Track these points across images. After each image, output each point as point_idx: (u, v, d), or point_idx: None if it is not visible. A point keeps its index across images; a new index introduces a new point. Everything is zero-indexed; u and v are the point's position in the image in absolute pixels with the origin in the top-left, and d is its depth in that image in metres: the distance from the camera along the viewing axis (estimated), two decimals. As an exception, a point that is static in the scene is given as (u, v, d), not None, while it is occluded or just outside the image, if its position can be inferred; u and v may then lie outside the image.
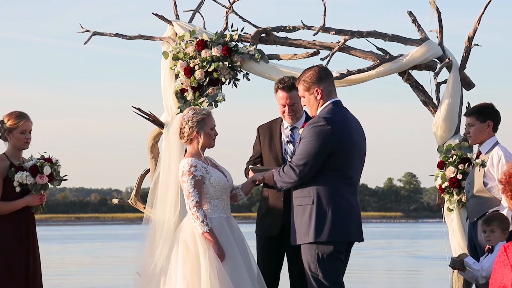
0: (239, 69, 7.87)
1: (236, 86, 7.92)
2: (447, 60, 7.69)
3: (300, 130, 6.86)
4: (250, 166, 6.98)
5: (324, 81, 6.40)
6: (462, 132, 7.62)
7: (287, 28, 7.94)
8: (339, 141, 6.24)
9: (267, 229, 7.15)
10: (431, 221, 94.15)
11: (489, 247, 6.93)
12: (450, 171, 7.58)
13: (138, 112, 7.70)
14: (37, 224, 7.37)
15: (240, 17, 7.95)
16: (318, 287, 6.26)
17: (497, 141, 7.22)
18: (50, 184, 7.22)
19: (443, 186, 7.63)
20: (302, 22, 7.87)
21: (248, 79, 7.91)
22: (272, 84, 7.26)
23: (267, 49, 7.92)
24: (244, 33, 7.95)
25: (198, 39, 7.85)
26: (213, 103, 7.73)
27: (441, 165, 7.66)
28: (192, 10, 8.13)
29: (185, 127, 6.59)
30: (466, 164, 7.55)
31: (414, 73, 7.88)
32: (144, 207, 7.51)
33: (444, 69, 7.72)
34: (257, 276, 6.55)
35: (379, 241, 41.74)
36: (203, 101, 7.69)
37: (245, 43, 7.92)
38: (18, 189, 7.09)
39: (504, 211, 6.93)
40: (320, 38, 7.89)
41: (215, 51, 7.79)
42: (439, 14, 7.78)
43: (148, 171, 8.12)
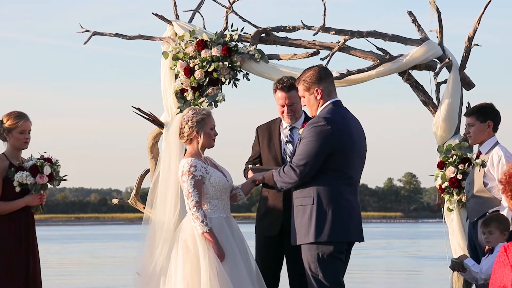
0: (239, 69, 7.86)
1: (236, 86, 7.92)
2: (447, 60, 7.69)
3: (300, 130, 6.85)
4: (250, 166, 6.98)
5: (324, 81, 6.40)
6: (462, 132, 7.62)
7: (287, 28, 7.93)
8: (339, 141, 6.24)
9: (267, 229, 7.15)
10: (431, 221, 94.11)
11: (489, 248, 6.92)
12: (450, 171, 7.58)
13: (138, 112, 7.70)
14: (37, 224, 7.37)
15: (240, 17, 7.95)
16: (319, 287, 6.26)
17: (497, 141, 7.21)
18: (50, 184, 7.21)
19: (443, 186, 7.63)
20: (302, 22, 7.87)
21: (248, 79, 7.91)
22: (272, 84, 7.26)
23: (267, 49, 7.93)
24: (244, 33, 7.95)
25: (198, 39, 7.85)
26: (213, 103, 7.73)
27: (441, 165, 7.66)
28: (192, 10, 8.13)
29: (185, 127, 6.58)
30: (466, 164, 7.55)
31: (414, 73, 7.88)
32: (144, 207, 7.51)
33: (444, 69, 7.72)
34: (257, 276, 6.54)
35: (379, 241, 41.72)
36: (203, 101, 7.68)
37: (245, 43, 7.92)
38: (18, 189, 7.08)
39: (504, 211, 6.92)
40: (320, 38, 7.90)
41: (215, 51, 7.79)
42: (439, 14, 7.77)
43: (148, 171, 8.12)
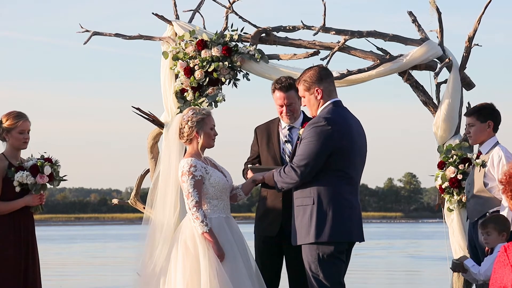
0: (239, 69, 7.86)
1: (236, 86, 7.91)
2: (447, 60, 7.69)
3: (301, 131, 6.84)
4: (249, 166, 6.97)
5: (325, 81, 6.39)
6: (462, 132, 7.61)
7: (287, 28, 7.93)
8: (340, 141, 6.23)
9: (266, 229, 7.13)
10: (431, 221, 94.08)
11: (489, 249, 6.91)
12: (450, 171, 7.58)
13: (138, 112, 7.70)
14: (37, 224, 7.36)
15: (240, 17, 7.94)
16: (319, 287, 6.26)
17: (498, 141, 7.21)
18: (50, 185, 7.21)
19: (443, 186, 7.63)
20: (302, 22, 7.87)
21: (248, 79, 7.91)
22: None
23: (267, 49, 7.93)
24: (244, 33, 7.95)
25: (198, 39, 7.84)
26: (213, 103, 7.72)
27: (441, 165, 7.66)
28: (192, 10, 8.13)
29: (185, 127, 6.58)
30: (466, 164, 7.54)
31: (414, 73, 7.88)
32: (144, 207, 7.51)
33: (444, 69, 7.71)
34: (257, 276, 6.54)
35: (379, 242, 41.71)
36: (203, 101, 7.68)
37: (245, 43, 7.91)
38: (18, 189, 7.08)
39: (505, 211, 6.92)
40: (320, 38, 7.90)
41: (215, 51, 7.79)
42: (439, 14, 7.77)
43: (148, 171, 8.12)
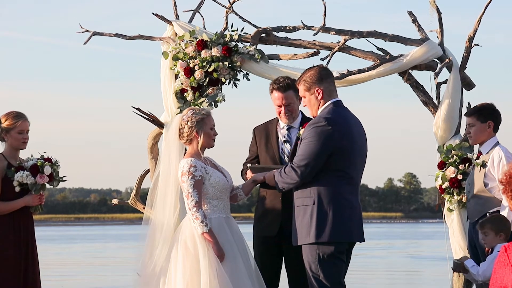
0: (239, 69, 7.86)
1: (236, 86, 7.91)
2: (448, 60, 7.68)
3: (301, 131, 6.84)
4: (249, 165, 6.96)
5: (325, 81, 6.39)
6: (463, 133, 7.61)
7: (287, 28, 7.93)
8: (340, 142, 6.23)
9: (265, 229, 7.11)
10: (432, 222, 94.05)
11: (489, 250, 6.91)
12: (451, 172, 7.57)
13: (138, 112, 7.69)
14: (37, 225, 7.35)
15: (240, 17, 7.94)
16: (319, 288, 6.25)
17: (498, 142, 7.20)
18: (50, 185, 7.21)
19: (444, 187, 7.62)
20: (302, 22, 7.87)
21: (248, 79, 7.90)
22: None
23: (267, 49, 7.92)
24: (244, 33, 7.94)
25: (198, 39, 7.84)
26: (213, 103, 7.72)
27: (442, 166, 7.65)
28: (192, 10, 8.13)
29: (185, 128, 6.57)
30: (467, 165, 7.54)
31: (415, 73, 7.88)
32: (144, 208, 7.50)
33: (445, 69, 7.71)
34: (257, 276, 6.54)
35: (380, 242, 41.71)
36: (203, 101, 7.67)
37: (245, 43, 7.91)
38: (18, 189, 7.07)
39: (505, 211, 6.91)
40: (320, 38, 7.90)
41: (215, 51, 7.78)
42: (439, 14, 7.77)
43: (148, 171, 8.12)
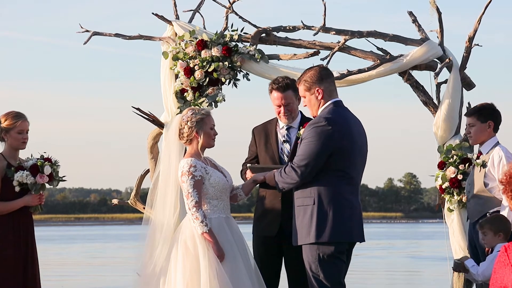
0: (239, 69, 7.85)
1: (236, 86, 7.91)
2: (448, 60, 7.68)
3: (301, 131, 6.83)
4: (248, 165, 6.96)
5: (325, 81, 6.38)
6: (463, 133, 7.61)
7: (287, 28, 7.92)
8: (340, 142, 6.22)
9: (265, 229, 7.10)
10: (432, 222, 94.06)
11: (489, 249, 6.91)
12: (451, 172, 7.57)
13: (138, 112, 7.69)
14: (37, 225, 7.35)
15: (240, 17, 7.94)
16: (319, 288, 6.25)
17: (498, 142, 7.20)
18: (49, 185, 7.21)
19: (444, 187, 7.62)
20: (302, 22, 7.86)
21: (248, 79, 7.90)
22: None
23: (267, 49, 7.92)
24: (244, 33, 7.94)
25: (198, 39, 7.84)
26: (213, 103, 7.71)
27: (442, 166, 7.65)
28: (192, 10, 8.12)
29: (184, 128, 6.57)
30: (467, 165, 7.53)
31: (415, 73, 7.87)
32: (144, 208, 7.50)
33: (445, 69, 7.71)
34: (257, 277, 6.53)
35: (380, 242, 41.70)
36: (203, 101, 7.67)
37: (245, 43, 7.91)
38: (18, 189, 7.07)
39: (505, 211, 6.91)
40: (320, 38, 7.89)
41: (215, 51, 7.78)
42: (440, 14, 7.77)
43: (148, 172, 8.11)
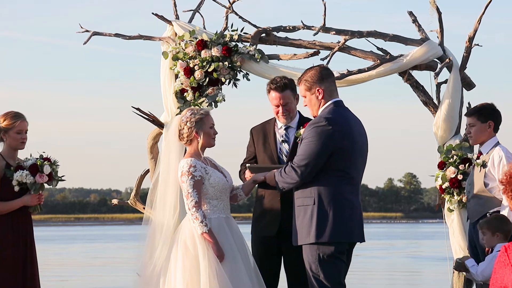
0: (239, 69, 7.85)
1: (236, 86, 7.90)
2: (448, 60, 7.67)
3: (301, 131, 6.83)
4: (248, 165, 6.95)
5: (326, 81, 6.38)
6: (463, 133, 7.61)
7: (287, 28, 7.92)
8: (341, 142, 6.22)
9: (264, 229, 7.09)
10: (432, 222, 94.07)
11: (489, 249, 6.91)
12: (451, 172, 7.56)
13: (138, 112, 7.68)
14: (37, 225, 7.37)
15: (240, 17, 7.93)
16: (319, 288, 6.25)
17: (498, 142, 7.19)
18: (48, 185, 7.20)
19: (444, 187, 7.61)
20: (302, 22, 7.86)
21: (248, 79, 7.90)
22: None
23: (267, 49, 7.91)
24: (244, 33, 7.94)
25: (198, 39, 7.83)
26: (213, 103, 7.71)
27: (442, 166, 7.65)
28: (192, 10, 8.12)
29: (184, 129, 6.57)
30: (467, 165, 7.53)
31: (415, 73, 7.87)
32: (144, 208, 7.50)
33: (445, 69, 7.70)
34: (257, 277, 6.53)
35: (380, 242, 41.70)
36: (203, 101, 7.67)
37: (245, 43, 7.90)
38: (17, 188, 7.07)
39: (505, 211, 6.91)
40: (320, 38, 7.89)
41: (215, 51, 7.77)
42: (440, 14, 7.76)
43: (148, 172, 8.11)
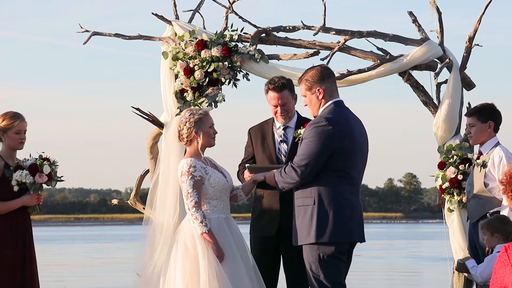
0: (239, 69, 7.85)
1: (236, 86, 7.90)
2: (448, 60, 7.67)
3: (301, 130, 6.83)
4: (247, 165, 6.94)
5: (326, 81, 6.38)
6: (463, 133, 7.60)
7: (287, 28, 7.92)
8: (341, 142, 6.21)
9: (263, 229, 7.08)
10: (432, 222, 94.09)
11: (489, 249, 6.90)
12: (451, 172, 7.56)
13: (138, 112, 7.68)
14: (36, 225, 7.40)
15: (240, 17, 7.93)
16: (319, 288, 6.24)
17: (498, 142, 7.19)
18: (48, 185, 7.19)
19: (444, 187, 7.61)
20: (302, 22, 7.86)
21: (248, 79, 7.89)
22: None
23: (267, 49, 7.91)
24: (244, 33, 7.93)
25: (198, 39, 7.83)
26: (213, 103, 7.71)
27: (442, 166, 7.64)
28: (192, 10, 8.12)
29: (183, 129, 6.56)
30: (467, 165, 7.53)
31: (415, 73, 7.87)
32: (144, 208, 7.49)
33: (445, 69, 7.70)
34: (256, 277, 6.53)
35: (380, 242, 41.71)
36: (203, 101, 7.66)
37: (245, 43, 7.90)
38: (16, 188, 7.06)
39: (505, 211, 6.91)
40: (320, 38, 7.89)
41: (215, 51, 7.77)
42: (440, 14, 7.76)
43: (148, 172, 8.10)
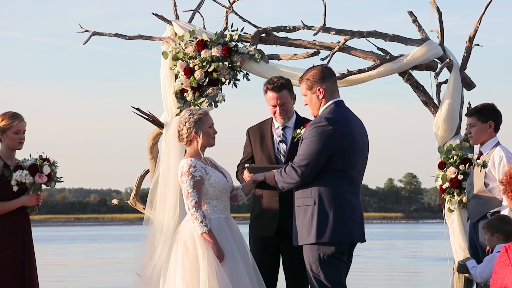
0: (239, 69, 7.85)
1: (236, 86, 7.90)
2: (448, 60, 7.67)
3: (302, 130, 6.83)
4: (246, 165, 6.94)
5: (327, 81, 6.37)
6: (463, 133, 7.60)
7: (287, 28, 7.91)
8: (341, 142, 6.21)
9: (263, 230, 7.08)
10: (432, 222, 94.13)
11: (489, 249, 6.90)
12: (451, 172, 7.56)
13: (138, 112, 7.68)
14: (36, 225, 7.40)
15: (240, 17, 7.93)
16: (320, 288, 6.24)
17: (498, 142, 7.19)
18: (47, 185, 7.19)
19: (444, 187, 7.61)
20: (302, 22, 7.85)
21: (248, 79, 7.89)
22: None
23: (267, 49, 7.91)
24: (244, 33, 7.93)
25: (198, 39, 7.83)
26: (213, 103, 7.70)
27: (442, 166, 7.64)
28: (192, 10, 8.11)
29: (183, 129, 6.56)
30: (467, 165, 7.52)
31: (415, 73, 7.86)
32: (144, 208, 7.49)
33: (445, 69, 7.70)
34: (256, 277, 6.52)
35: (380, 242, 41.71)
36: (203, 101, 7.66)
37: (245, 43, 7.90)
38: (16, 188, 7.06)
39: (505, 212, 6.90)
40: (320, 38, 7.88)
41: (215, 51, 7.77)
42: (440, 14, 7.76)
43: (148, 172, 8.10)
